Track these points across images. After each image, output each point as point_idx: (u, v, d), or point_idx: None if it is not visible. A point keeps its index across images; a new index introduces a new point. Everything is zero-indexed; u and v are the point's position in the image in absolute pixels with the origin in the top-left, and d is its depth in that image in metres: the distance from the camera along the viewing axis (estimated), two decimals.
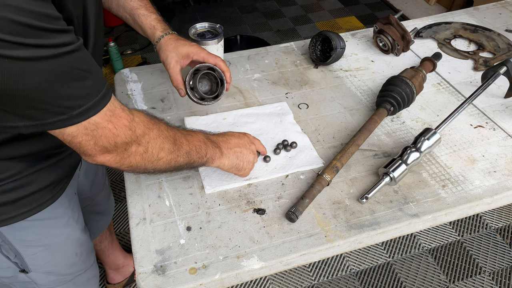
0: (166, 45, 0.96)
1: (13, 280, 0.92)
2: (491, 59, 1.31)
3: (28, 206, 0.79)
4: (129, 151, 0.66)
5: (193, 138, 0.78)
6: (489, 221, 1.92)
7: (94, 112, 0.58)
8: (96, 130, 0.60)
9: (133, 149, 0.66)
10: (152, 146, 0.69)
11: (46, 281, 0.96)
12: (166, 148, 0.71)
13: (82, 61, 0.56)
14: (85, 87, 0.56)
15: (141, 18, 0.98)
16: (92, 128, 0.59)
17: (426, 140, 0.93)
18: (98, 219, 1.31)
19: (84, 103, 0.56)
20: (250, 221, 0.84)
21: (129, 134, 0.64)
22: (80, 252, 1.00)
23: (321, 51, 1.29)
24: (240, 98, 1.16)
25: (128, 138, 0.64)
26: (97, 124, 0.59)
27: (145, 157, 0.69)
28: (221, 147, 0.84)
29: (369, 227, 0.83)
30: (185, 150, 0.75)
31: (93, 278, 1.11)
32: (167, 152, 0.72)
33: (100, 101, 0.59)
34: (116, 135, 0.62)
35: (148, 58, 2.94)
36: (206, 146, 0.80)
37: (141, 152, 0.68)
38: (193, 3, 3.50)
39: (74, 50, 0.54)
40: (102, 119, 0.60)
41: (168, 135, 0.72)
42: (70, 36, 0.54)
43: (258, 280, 1.68)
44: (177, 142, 0.74)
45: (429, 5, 3.45)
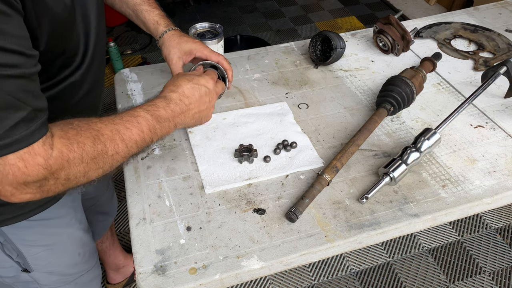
0: (169, 40, 0.95)
1: (16, 280, 0.92)
2: (491, 59, 1.31)
3: (31, 205, 0.80)
4: (46, 186, 0.58)
5: (132, 132, 0.68)
6: (489, 221, 1.92)
7: (12, 149, 0.51)
8: (3, 166, 0.52)
9: (52, 182, 0.58)
10: (73, 173, 0.60)
11: (48, 281, 0.96)
12: (93, 168, 0.63)
13: (22, 91, 0.51)
14: (14, 119, 0.51)
15: (144, 13, 0.97)
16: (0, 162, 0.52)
17: (426, 140, 0.93)
18: (102, 219, 1.31)
19: (3, 136, 0.50)
20: (250, 221, 0.84)
21: (42, 173, 0.56)
22: (83, 252, 1.00)
23: (321, 51, 1.29)
24: (240, 98, 1.16)
25: (41, 176, 0.56)
26: (5, 160, 0.52)
27: (68, 183, 0.61)
28: (175, 121, 0.77)
29: (369, 227, 0.83)
30: (122, 154, 0.67)
31: (95, 278, 1.11)
32: (94, 170, 0.63)
33: (24, 139, 0.52)
34: (26, 174, 0.54)
35: (148, 58, 2.94)
36: (152, 133, 0.72)
37: (62, 181, 0.60)
38: (193, 3, 3.50)
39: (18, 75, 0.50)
40: (14, 155, 0.52)
41: (95, 154, 0.62)
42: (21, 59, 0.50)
43: (258, 280, 1.68)
44: (108, 154, 0.64)
45: (429, 5, 3.45)
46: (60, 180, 0.59)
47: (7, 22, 0.48)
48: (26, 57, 0.52)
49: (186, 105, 0.78)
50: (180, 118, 0.78)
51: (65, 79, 0.72)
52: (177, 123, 0.77)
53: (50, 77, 0.70)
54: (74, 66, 0.73)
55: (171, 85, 0.79)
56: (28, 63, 0.52)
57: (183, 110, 0.78)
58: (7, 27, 0.48)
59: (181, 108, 0.77)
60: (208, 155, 0.97)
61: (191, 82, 0.80)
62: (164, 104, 0.75)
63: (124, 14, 1.01)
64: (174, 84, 0.80)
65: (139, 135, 0.69)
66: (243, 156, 0.95)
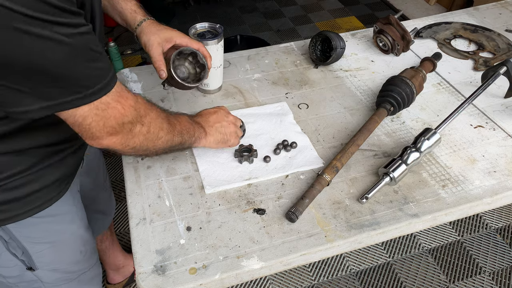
0: (149, 28, 0.97)
1: (19, 280, 0.92)
2: (491, 59, 1.31)
3: (36, 202, 0.80)
4: (133, 132, 0.69)
5: (182, 119, 0.84)
6: (489, 221, 1.92)
7: (105, 91, 0.60)
8: (107, 110, 0.62)
9: (137, 129, 0.69)
10: (153, 126, 0.73)
11: (52, 279, 0.96)
12: (164, 127, 0.76)
13: (95, 43, 0.58)
14: (98, 68, 0.59)
15: (121, 3, 0.98)
16: (103, 108, 0.61)
17: (426, 140, 0.93)
18: (99, 218, 1.31)
19: (97, 82, 0.59)
20: (250, 221, 0.84)
21: (134, 114, 0.67)
22: (85, 249, 1.01)
23: (321, 51, 1.29)
24: (240, 98, 1.16)
25: (134, 119, 0.67)
26: (107, 104, 0.62)
27: (147, 137, 0.72)
28: (204, 127, 0.90)
29: (369, 227, 0.83)
30: (178, 130, 0.80)
31: (96, 276, 1.12)
32: (165, 132, 0.76)
33: (110, 82, 0.61)
34: (124, 115, 0.65)
35: (148, 58, 2.94)
36: (193, 127, 0.86)
37: (144, 132, 0.71)
38: (193, 3, 3.50)
39: (88, 32, 0.56)
40: (112, 99, 0.62)
41: (164, 116, 0.77)
42: (82, 19, 0.55)
43: (258, 280, 1.68)
44: (171, 123, 0.79)
45: (429, 5, 3.45)
46: (144, 127, 0.70)
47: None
48: (82, 17, 0.56)
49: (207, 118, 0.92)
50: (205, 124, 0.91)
51: None
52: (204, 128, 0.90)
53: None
54: None
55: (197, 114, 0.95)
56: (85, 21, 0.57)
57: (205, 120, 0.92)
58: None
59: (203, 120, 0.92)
60: (208, 155, 0.97)
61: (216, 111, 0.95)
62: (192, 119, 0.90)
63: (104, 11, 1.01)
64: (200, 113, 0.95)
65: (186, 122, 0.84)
66: (243, 156, 0.95)
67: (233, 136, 0.94)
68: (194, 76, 1.03)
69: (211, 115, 0.93)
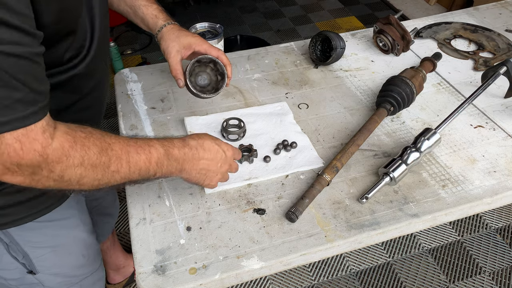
0: (168, 34, 0.94)
1: (20, 282, 0.92)
2: (491, 59, 1.31)
3: (37, 207, 0.80)
4: (38, 175, 0.57)
5: (141, 158, 0.67)
6: (489, 221, 1.92)
7: (6, 129, 0.51)
8: (0, 146, 0.52)
9: (44, 173, 0.57)
10: (69, 174, 0.59)
11: (53, 283, 0.96)
12: (90, 176, 0.61)
13: (22, 71, 0.50)
14: (10, 98, 0.50)
15: (142, 8, 0.96)
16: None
17: (426, 140, 0.93)
18: (106, 221, 1.31)
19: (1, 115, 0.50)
20: (250, 221, 0.84)
21: (37, 160, 0.55)
22: (87, 254, 1.00)
23: (321, 51, 1.29)
24: (240, 98, 1.16)
25: (36, 163, 0.55)
26: (2, 140, 0.51)
27: (61, 183, 0.60)
28: (183, 165, 0.75)
29: (369, 227, 0.83)
30: (123, 175, 0.66)
31: (99, 281, 1.11)
32: (90, 180, 0.62)
33: (19, 119, 0.52)
34: (20, 157, 0.54)
35: (148, 58, 2.94)
36: (158, 167, 0.71)
37: (55, 178, 0.59)
38: (193, 3, 3.50)
39: (19, 55, 0.49)
40: (12, 135, 0.52)
41: (97, 163, 0.61)
42: (25, 39, 0.49)
43: (258, 280, 1.68)
44: (111, 169, 0.63)
45: (429, 5, 3.45)
46: (54, 174, 0.58)
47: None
48: (30, 36, 0.51)
49: (199, 157, 0.77)
50: (188, 165, 0.76)
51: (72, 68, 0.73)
52: (183, 168, 0.75)
53: (58, 64, 0.70)
54: (81, 57, 0.74)
55: (195, 135, 0.79)
56: (31, 42, 0.51)
57: (194, 158, 0.76)
58: (12, 2, 0.48)
59: (193, 155, 0.76)
60: None
61: (214, 141, 0.80)
62: (180, 145, 0.74)
63: (121, 13, 1.00)
64: (198, 135, 0.79)
65: (145, 163, 0.68)
66: (243, 156, 0.95)
67: (210, 184, 0.82)
68: (215, 84, 1.00)
69: (205, 159, 0.78)
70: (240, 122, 1.03)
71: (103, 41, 0.79)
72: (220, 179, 0.83)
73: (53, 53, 0.66)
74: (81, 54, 0.73)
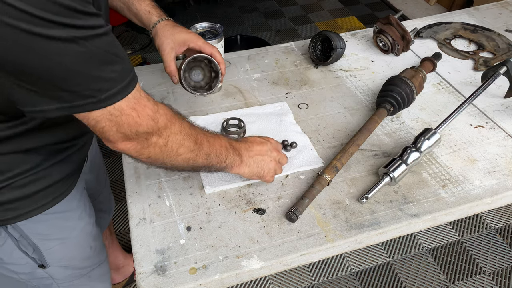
0: (163, 30, 0.95)
1: (31, 277, 0.93)
2: (491, 59, 1.31)
3: (45, 199, 0.81)
4: (149, 141, 0.66)
5: (215, 141, 0.78)
6: (489, 221, 1.92)
7: (121, 97, 0.58)
8: (120, 117, 0.60)
9: (154, 140, 0.66)
10: (172, 140, 0.69)
11: (63, 275, 0.96)
12: (186, 145, 0.71)
13: (112, 45, 0.57)
14: (114, 71, 0.57)
15: (135, 4, 0.96)
16: (116, 114, 0.59)
17: (426, 140, 0.93)
18: (101, 217, 1.31)
19: (112, 87, 0.57)
20: (250, 221, 0.84)
21: (151, 124, 0.64)
22: (94, 245, 1.01)
23: (321, 51, 1.29)
24: (240, 98, 1.16)
25: (150, 129, 0.64)
26: (121, 111, 0.60)
27: (164, 150, 0.69)
28: (241, 155, 0.83)
29: (369, 227, 0.83)
30: (205, 151, 0.75)
31: (106, 273, 1.13)
32: (186, 150, 0.72)
33: (127, 87, 0.59)
34: (138, 123, 0.62)
35: (148, 58, 2.94)
36: (227, 152, 0.80)
37: (161, 144, 0.68)
38: (193, 3, 3.50)
39: (105, 33, 0.54)
40: (127, 105, 0.60)
41: (190, 133, 0.72)
42: (100, 20, 0.54)
43: (258, 280, 1.68)
44: (198, 142, 0.74)
45: (429, 5, 3.45)
46: (161, 139, 0.67)
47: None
48: (102, 18, 0.55)
49: (250, 146, 0.86)
50: (245, 153, 0.84)
51: None
52: (242, 158, 0.83)
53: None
54: None
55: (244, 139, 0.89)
56: (103, 23, 0.55)
57: (247, 147, 0.85)
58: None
59: (246, 146, 0.85)
60: None
61: (263, 142, 0.88)
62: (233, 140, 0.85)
63: (115, 9, 1.00)
64: (246, 139, 0.89)
65: (220, 145, 0.78)
66: None
67: (270, 174, 0.87)
68: (209, 79, 1.01)
69: (256, 145, 0.86)
70: (240, 122, 1.03)
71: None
72: (275, 167, 0.88)
73: None
74: None
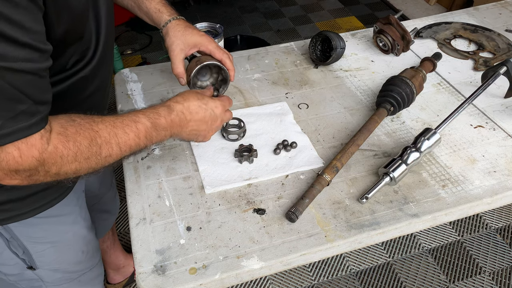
0: (174, 31, 0.92)
1: (20, 278, 0.93)
2: (491, 59, 1.31)
3: (38, 203, 0.80)
4: (36, 176, 0.59)
5: (129, 137, 0.68)
6: (489, 221, 1.92)
7: (10, 139, 0.53)
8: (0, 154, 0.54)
9: (42, 174, 0.59)
10: (65, 171, 0.61)
11: (52, 278, 0.96)
12: (84, 167, 0.64)
13: (29, 85, 0.52)
14: (15, 110, 0.52)
15: (146, 3, 0.94)
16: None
17: (426, 140, 0.93)
18: (104, 218, 1.31)
19: (3, 126, 0.51)
20: (250, 221, 0.84)
21: (34, 164, 0.57)
22: (87, 250, 1.01)
23: (321, 51, 1.29)
24: (240, 98, 1.16)
25: (33, 167, 0.57)
26: (2, 148, 0.53)
27: (58, 177, 0.62)
28: (172, 131, 0.76)
29: (369, 227, 0.83)
30: (114, 157, 0.68)
31: (98, 276, 1.12)
32: (86, 169, 0.64)
33: (22, 130, 0.53)
34: (19, 163, 0.55)
35: (148, 58, 2.94)
36: (147, 140, 0.72)
37: (51, 175, 0.61)
38: (193, 3, 3.50)
39: (28, 71, 0.51)
40: (11, 144, 0.54)
41: (89, 154, 0.63)
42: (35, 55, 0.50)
43: (258, 280, 1.68)
44: (102, 155, 0.65)
45: (429, 5, 3.45)
46: (50, 173, 0.60)
47: (24, 15, 0.49)
48: (40, 52, 0.52)
49: (187, 120, 0.78)
50: (176, 129, 0.77)
51: (77, 72, 0.73)
52: (173, 133, 0.77)
53: (63, 70, 0.70)
54: (86, 60, 0.73)
55: (179, 97, 0.79)
56: (40, 58, 0.52)
57: (182, 123, 0.77)
58: (24, 20, 0.49)
59: (180, 120, 0.77)
60: (208, 155, 0.97)
61: (199, 100, 0.80)
62: (165, 113, 0.75)
63: (126, 8, 0.99)
64: (182, 96, 0.79)
65: (135, 140, 0.69)
66: (243, 156, 0.95)
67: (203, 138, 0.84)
68: (215, 80, 1.00)
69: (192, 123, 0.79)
70: (240, 122, 1.03)
71: (109, 41, 0.78)
72: (214, 132, 0.84)
73: (59, 60, 0.67)
74: (86, 57, 0.73)
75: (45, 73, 0.56)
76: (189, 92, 0.81)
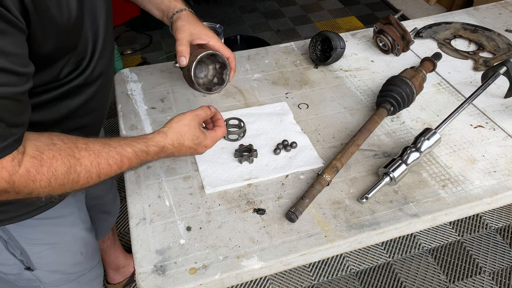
0: (187, 17, 0.91)
1: (18, 278, 0.93)
2: (491, 59, 1.31)
3: (36, 204, 0.80)
4: (6, 195, 0.58)
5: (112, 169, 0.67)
6: (489, 221, 1.92)
7: None
8: None
9: (12, 195, 0.58)
10: (37, 193, 0.60)
11: (51, 279, 0.96)
12: (58, 192, 0.62)
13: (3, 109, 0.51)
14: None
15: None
16: None
17: (426, 140, 0.93)
18: (105, 219, 1.31)
19: None
20: (250, 221, 0.84)
21: (4, 186, 0.56)
22: (85, 251, 1.01)
23: (321, 51, 1.29)
24: (240, 98, 1.16)
25: (2, 188, 0.56)
26: None
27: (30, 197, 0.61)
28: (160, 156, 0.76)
29: (369, 227, 0.83)
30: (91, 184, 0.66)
31: (97, 278, 1.12)
32: (59, 192, 0.63)
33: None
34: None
35: (148, 58, 2.94)
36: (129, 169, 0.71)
37: (23, 195, 0.60)
38: (193, 3, 3.50)
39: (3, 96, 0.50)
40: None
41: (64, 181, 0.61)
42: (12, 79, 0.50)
43: (258, 280, 1.68)
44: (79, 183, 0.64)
45: (429, 5, 3.45)
46: (21, 194, 0.58)
47: (2, 39, 0.48)
48: (18, 76, 0.51)
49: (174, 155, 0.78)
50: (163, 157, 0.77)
51: (71, 81, 0.72)
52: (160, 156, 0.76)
53: (54, 80, 0.69)
54: (81, 69, 0.73)
55: (177, 134, 0.76)
56: (19, 81, 0.51)
57: (169, 155, 0.77)
58: (2, 44, 0.48)
59: (168, 155, 0.77)
60: (208, 155, 0.97)
61: (195, 145, 0.79)
62: (155, 152, 0.73)
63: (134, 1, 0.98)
64: (181, 135, 0.76)
65: (116, 171, 0.68)
66: (243, 156, 0.95)
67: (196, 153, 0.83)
68: (211, 76, 1.00)
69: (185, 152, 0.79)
70: (240, 122, 1.03)
71: (107, 45, 0.77)
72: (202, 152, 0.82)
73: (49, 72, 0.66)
74: (81, 66, 0.72)
75: (23, 96, 0.54)
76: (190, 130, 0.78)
